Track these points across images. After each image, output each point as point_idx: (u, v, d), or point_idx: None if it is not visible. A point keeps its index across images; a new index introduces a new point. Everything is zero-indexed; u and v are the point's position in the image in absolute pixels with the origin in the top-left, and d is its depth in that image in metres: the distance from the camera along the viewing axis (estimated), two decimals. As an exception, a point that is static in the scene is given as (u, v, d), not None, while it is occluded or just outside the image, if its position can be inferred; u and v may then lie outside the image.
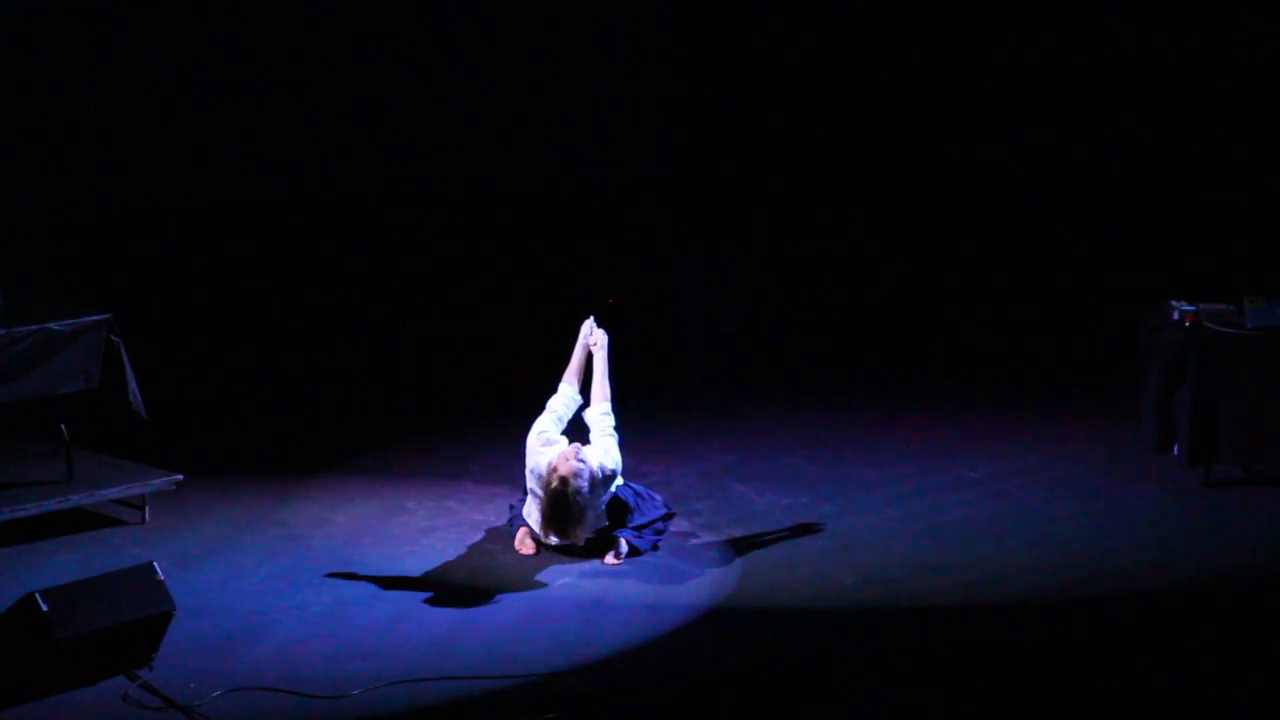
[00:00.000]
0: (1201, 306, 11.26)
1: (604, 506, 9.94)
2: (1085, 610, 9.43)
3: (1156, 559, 10.10)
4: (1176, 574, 9.91)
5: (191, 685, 8.29)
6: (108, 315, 10.20)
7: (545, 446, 9.95)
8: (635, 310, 14.85)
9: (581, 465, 9.67)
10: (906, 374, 13.64)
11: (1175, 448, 11.33)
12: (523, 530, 10.03)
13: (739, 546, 10.21)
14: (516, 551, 9.98)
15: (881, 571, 9.88)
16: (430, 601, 9.40)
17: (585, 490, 9.65)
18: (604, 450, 9.98)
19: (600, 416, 10.18)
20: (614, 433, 10.14)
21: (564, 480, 9.61)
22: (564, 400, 10.25)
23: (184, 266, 14.94)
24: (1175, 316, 11.23)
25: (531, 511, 9.95)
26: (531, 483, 9.94)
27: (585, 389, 10.30)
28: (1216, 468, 11.22)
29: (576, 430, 10.28)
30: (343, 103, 15.72)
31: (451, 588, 9.56)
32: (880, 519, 10.67)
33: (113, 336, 10.18)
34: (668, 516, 10.27)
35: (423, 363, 13.80)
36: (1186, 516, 10.74)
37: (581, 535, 9.76)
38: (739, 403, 12.89)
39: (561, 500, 9.62)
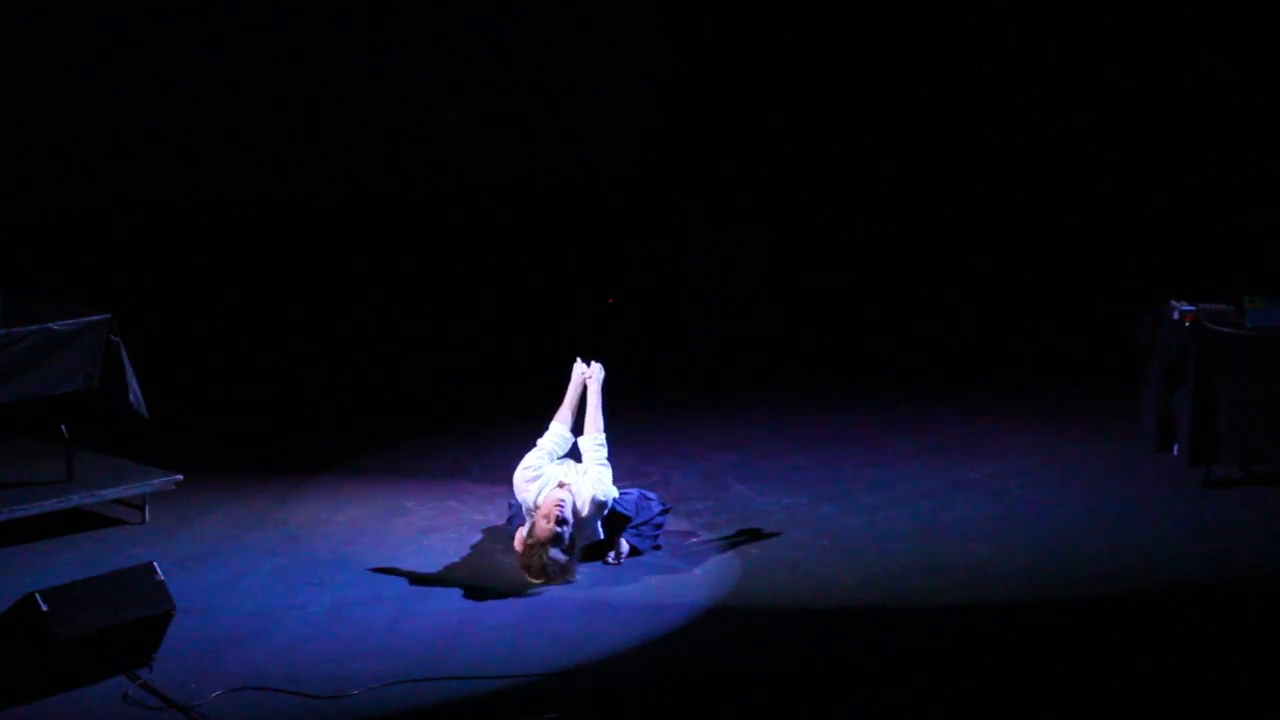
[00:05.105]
0: (1201, 306, 11.27)
1: (598, 525, 9.91)
2: (1085, 610, 9.43)
3: (1156, 559, 10.10)
4: (1176, 574, 9.91)
5: (191, 685, 8.29)
6: (108, 315, 10.19)
7: (530, 483, 9.85)
8: (633, 310, 14.91)
9: (563, 529, 9.55)
10: (906, 374, 13.64)
11: (1175, 448, 11.34)
12: (522, 530, 10.02)
13: (739, 546, 10.21)
14: (516, 551, 9.96)
15: (881, 571, 9.89)
16: (430, 601, 9.40)
17: (562, 558, 9.56)
18: (595, 479, 9.88)
19: (594, 447, 10.06)
20: (607, 463, 10.02)
21: (542, 545, 9.52)
22: (554, 439, 10.11)
23: (184, 266, 14.93)
24: (1175, 316, 11.24)
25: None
26: (524, 508, 9.90)
27: (578, 426, 10.18)
28: (1216, 468, 11.23)
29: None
30: (342, 103, 15.71)
31: (451, 588, 9.56)
32: (880, 519, 10.67)
33: (113, 336, 10.18)
34: (665, 511, 10.25)
35: (422, 363, 13.79)
36: (1186, 516, 10.74)
37: (566, 579, 9.68)
38: (739, 403, 12.89)
39: (539, 564, 9.56)
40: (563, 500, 9.62)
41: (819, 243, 16.09)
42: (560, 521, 9.54)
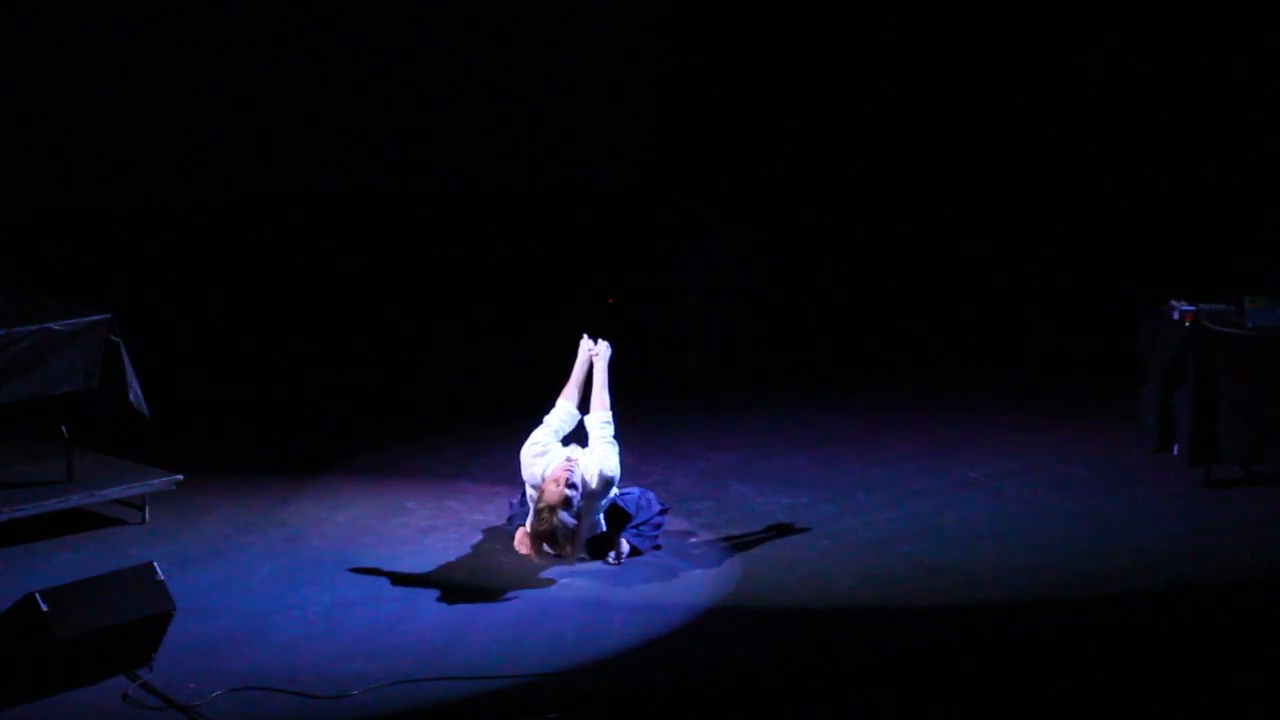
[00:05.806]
0: (1201, 306, 11.27)
1: (601, 514, 9.92)
2: (1085, 610, 9.43)
3: (1156, 559, 10.10)
4: (1176, 574, 9.91)
5: (191, 685, 8.29)
6: (108, 315, 10.19)
7: (537, 458, 9.87)
8: (635, 310, 14.90)
9: (572, 492, 9.59)
10: (906, 374, 13.64)
11: (1175, 448, 11.33)
12: (522, 530, 10.02)
13: (739, 546, 10.21)
14: (516, 551, 9.97)
15: (881, 571, 9.88)
16: (430, 601, 9.40)
17: (571, 521, 9.60)
18: (602, 455, 9.91)
19: (601, 425, 10.08)
20: (613, 441, 10.05)
21: (551, 510, 9.55)
22: (561, 415, 10.13)
23: (184, 266, 14.94)
24: (1175, 316, 11.23)
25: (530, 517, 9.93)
26: (530, 492, 9.91)
27: (584, 404, 10.22)
28: (1216, 468, 11.23)
29: (577, 437, 10.24)
30: (342, 103, 15.72)
31: (451, 588, 9.56)
32: (880, 519, 10.67)
33: (113, 336, 10.18)
34: (664, 511, 10.25)
35: (424, 363, 13.79)
36: (1186, 516, 10.74)
37: (572, 553, 9.70)
38: (739, 403, 12.88)
39: (547, 530, 9.59)
40: (571, 467, 9.66)
41: (819, 243, 16.09)
42: (570, 485, 9.56)
